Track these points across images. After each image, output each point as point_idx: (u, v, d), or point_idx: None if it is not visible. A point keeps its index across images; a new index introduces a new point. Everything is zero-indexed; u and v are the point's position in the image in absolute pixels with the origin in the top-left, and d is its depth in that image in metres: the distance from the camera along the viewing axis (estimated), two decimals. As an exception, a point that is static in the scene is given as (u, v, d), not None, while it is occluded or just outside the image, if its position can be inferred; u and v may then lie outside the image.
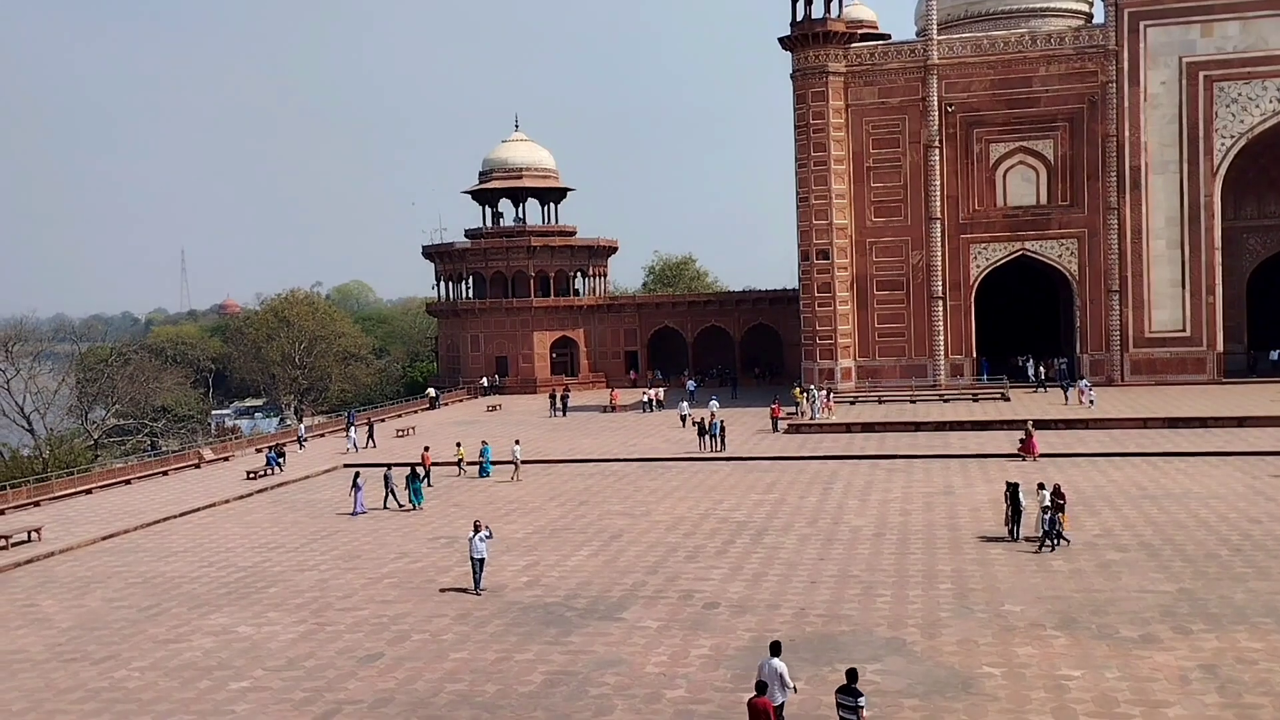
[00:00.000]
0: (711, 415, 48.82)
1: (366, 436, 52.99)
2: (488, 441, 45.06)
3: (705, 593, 24.34)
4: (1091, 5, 67.75)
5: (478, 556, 25.28)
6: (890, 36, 66.80)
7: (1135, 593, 23.03)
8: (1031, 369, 62.49)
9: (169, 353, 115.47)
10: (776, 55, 68.17)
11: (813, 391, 55.15)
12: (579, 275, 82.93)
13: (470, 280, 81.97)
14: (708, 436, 46.22)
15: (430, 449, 43.04)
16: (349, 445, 51.32)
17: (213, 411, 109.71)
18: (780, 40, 63.35)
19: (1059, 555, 26.34)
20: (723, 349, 78.70)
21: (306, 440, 54.27)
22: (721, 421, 47.11)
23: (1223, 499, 32.41)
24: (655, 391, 64.97)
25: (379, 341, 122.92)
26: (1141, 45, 59.69)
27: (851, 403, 58.93)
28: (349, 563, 28.86)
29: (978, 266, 62.53)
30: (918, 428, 49.73)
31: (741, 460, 43.71)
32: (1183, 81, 59.44)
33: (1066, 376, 60.07)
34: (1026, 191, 61.84)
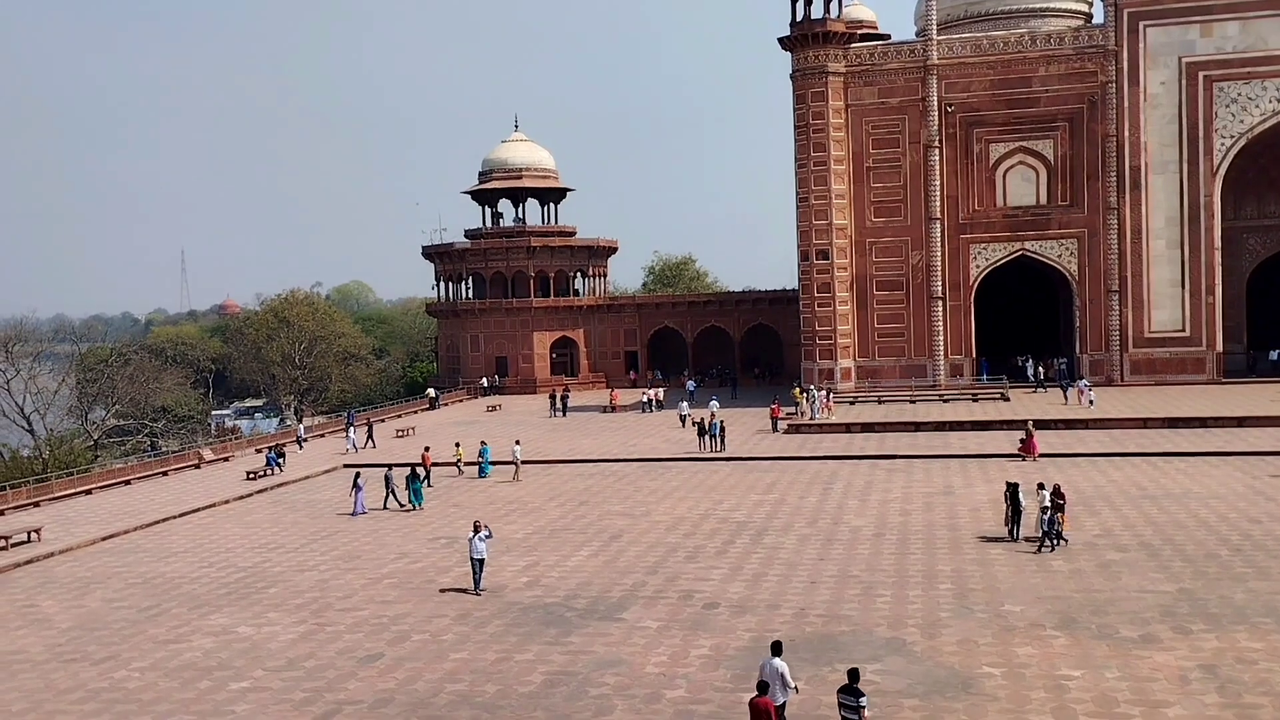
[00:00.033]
0: (711, 415, 48.81)
1: (366, 437, 53.01)
2: (486, 442, 45.08)
3: (705, 593, 24.35)
4: (1091, 5, 67.74)
5: (478, 557, 25.30)
6: (890, 37, 66.80)
7: (1135, 593, 23.05)
8: (1031, 369, 62.50)
9: (169, 353, 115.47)
10: (776, 55, 68.19)
11: (812, 391, 55.15)
12: (579, 275, 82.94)
13: (470, 280, 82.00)
14: (708, 437, 46.23)
15: (430, 449, 43.04)
16: (348, 446, 51.34)
17: (213, 412, 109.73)
18: (780, 40, 63.37)
19: (1059, 555, 26.35)
20: (722, 349, 78.71)
21: (306, 441, 54.30)
22: (721, 422, 47.12)
23: (1223, 499, 32.42)
24: (655, 392, 64.96)
25: (379, 342, 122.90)
26: (1141, 45, 59.71)
27: (851, 403, 58.94)
28: (349, 563, 28.87)
29: (977, 266, 62.55)
30: (917, 428, 49.74)
31: (741, 460, 43.72)
32: (1182, 81, 59.46)
33: (1066, 376, 60.09)
34: (1026, 191, 61.86)
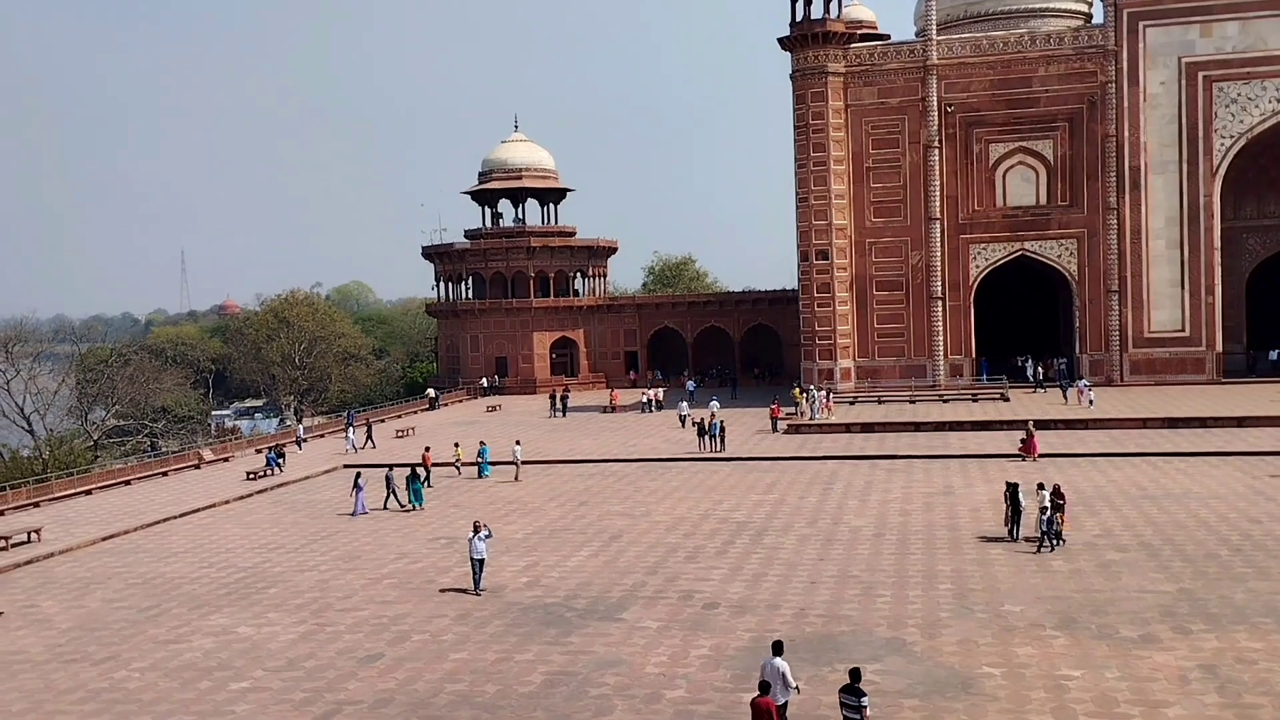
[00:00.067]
0: (711, 415, 48.80)
1: (365, 437, 53.00)
2: (485, 442, 45.07)
3: (705, 593, 24.35)
4: (1091, 5, 67.73)
5: (478, 557, 25.30)
6: (890, 37, 66.80)
7: (1135, 593, 23.05)
8: (1031, 369, 62.50)
9: (169, 353, 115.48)
10: (776, 55, 68.20)
11: (812, 392, 55.14)
12: (579, 276, 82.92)
13: (470, 281, 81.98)
14: (707, 437, 46.23)
15: (431, 449, 43.05)
16: (348, 446, 51.32)
17: (213, 412, 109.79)
18: (780, 41, 63.36)
19: (1059, 555, 26.35)
20: (722, 349, 78.71)
21: (305, 441, 54.28)
22: (721, 422, 47.11)
23: (1223, 499, 32.42)
24: (655, 392, 64.94)
25: (379, 342, 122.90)
26: (1141, 45, 59.72)
27: (851, 403, 58.93)
28: (349, 563, 28.87)
29: (977, 267, 62.55)
30: (917, 428, 49.74)
31: (741, 460, 43.72)
32: (1182, 82, 59.47)
33: (1066, 376, 60.09)
34: (1026, 192, 61.87)
